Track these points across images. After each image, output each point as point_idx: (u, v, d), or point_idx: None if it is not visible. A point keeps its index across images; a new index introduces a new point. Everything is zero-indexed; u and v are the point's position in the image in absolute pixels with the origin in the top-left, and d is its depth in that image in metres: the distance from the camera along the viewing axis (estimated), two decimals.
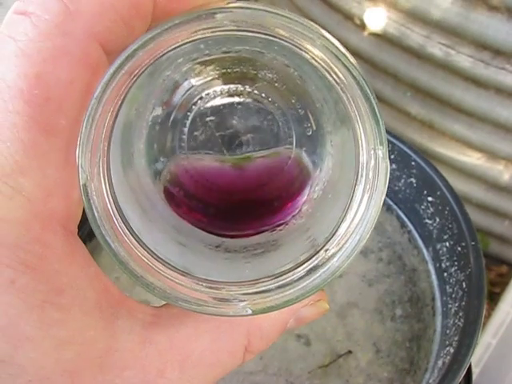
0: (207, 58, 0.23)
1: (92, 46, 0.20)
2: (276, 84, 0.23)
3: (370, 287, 0.53)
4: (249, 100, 0.23)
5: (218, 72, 0.23)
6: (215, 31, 0.19)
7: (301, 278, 0.21)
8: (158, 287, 0.20)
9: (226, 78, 0.23)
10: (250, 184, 0.25)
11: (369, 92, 0.19)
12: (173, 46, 0.19)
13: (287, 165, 0.24)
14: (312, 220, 0.23)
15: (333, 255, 0.21)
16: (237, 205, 0.25)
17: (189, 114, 0.23)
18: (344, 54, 0.19)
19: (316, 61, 0.20)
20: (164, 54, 0.20)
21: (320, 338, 0.49)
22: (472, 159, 0.88)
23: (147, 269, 0.20)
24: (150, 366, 0.21)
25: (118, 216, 0.20)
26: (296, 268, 0.21)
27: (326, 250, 0.21)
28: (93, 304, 0.20)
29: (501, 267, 0.94)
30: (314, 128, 0.23)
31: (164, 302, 0.22)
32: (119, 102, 0.19)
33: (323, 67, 0.20)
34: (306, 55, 0.20)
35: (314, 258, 0.21)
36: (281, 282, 0.21)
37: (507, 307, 0.78)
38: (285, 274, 0.21)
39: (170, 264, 0.21)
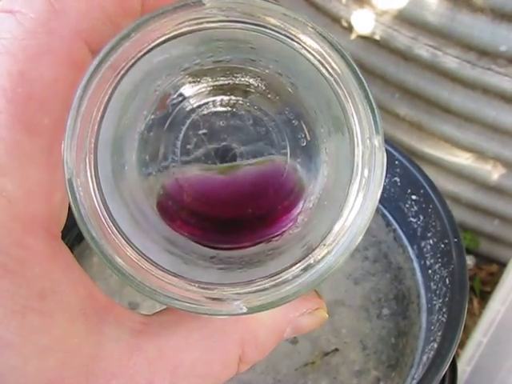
0: (198, 69, 0.22)
1: (77, 45, 0.19)
2: (269, 95, 0.23)
3: (356, 285, 0.53)
4: (241, 112, 0.23)
5: (209, 84, 0.23)
6: (202, 22, 0.19)
7: (296, 276, 0.20)
8: (148, 286, 0.19)
9: (218, 90, 0.23)
10: (244, 197, 0.24)
11: (362, 78, 0.19)
12: (160, 40, 0.19)
13: (282, 177, 0.23)
14: (308, 228, 0.23)
15: (329, 252, 0.20)
16: (231, 218, 0.24)
17: (181, 127, 0.23)
18: (335, 40, 0.19)
19: (308, 51, 0.19)
20: (151, 49, 0.19)
21: (307, 336, 0.50)
22: (460, 159, 0.89)
23: (136, 268, 0.19)
24: (138, 375, 0.20)
25: (105, 214, 0.19)
26: (291, 267, 0.20)
27: (322, 247, 0.20)
28: (77, 310, 0.19)
29: (491, 266, 0.95)
30: (309, 138, 0.23)
31: (155, 310, 0.22)
32: (106, 98, 0.19)
33: (316, 59, 0.19)
34: (298, 46, 0.19)
35: (309, 256, 0.20)
36: (276, 281, 0.20)
37: (498, 305, 0.78)
38: (279, 273, 0.20)
39: (160, 266, 0.20)
